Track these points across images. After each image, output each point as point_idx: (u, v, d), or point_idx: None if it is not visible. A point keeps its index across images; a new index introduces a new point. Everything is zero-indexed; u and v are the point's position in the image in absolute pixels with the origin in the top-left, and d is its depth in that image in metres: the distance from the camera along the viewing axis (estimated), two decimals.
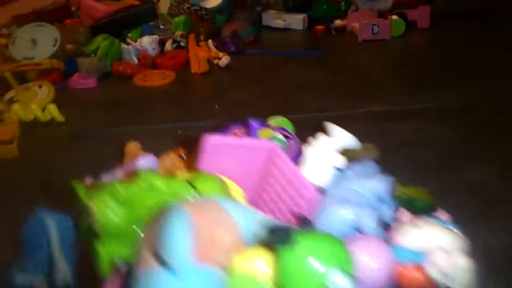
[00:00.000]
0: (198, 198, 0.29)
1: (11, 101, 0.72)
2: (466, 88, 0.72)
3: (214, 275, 0.26)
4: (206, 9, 1.13)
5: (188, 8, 1.13)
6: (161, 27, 1.04)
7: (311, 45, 1.04)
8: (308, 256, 0.27)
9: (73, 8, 1.17)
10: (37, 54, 0.86)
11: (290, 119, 0.52)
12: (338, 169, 0.42)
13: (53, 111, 0.69)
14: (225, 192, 0.33)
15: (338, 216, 0.37)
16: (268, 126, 0.47)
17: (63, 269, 0.33)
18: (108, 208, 0.28)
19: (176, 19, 1.09)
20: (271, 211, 0.37)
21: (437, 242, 0.35)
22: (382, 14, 1.10)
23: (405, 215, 0.40)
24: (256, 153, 0.37)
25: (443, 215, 0.40)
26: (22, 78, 0.82)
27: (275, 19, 1.19)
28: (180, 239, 0.24)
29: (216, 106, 0.68)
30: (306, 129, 0.50)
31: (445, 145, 0.58)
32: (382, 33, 1.04)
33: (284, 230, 0.28)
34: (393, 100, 0.71)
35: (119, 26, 0.97)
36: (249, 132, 0.44)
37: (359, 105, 0.70)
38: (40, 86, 0.76)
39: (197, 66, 0.89)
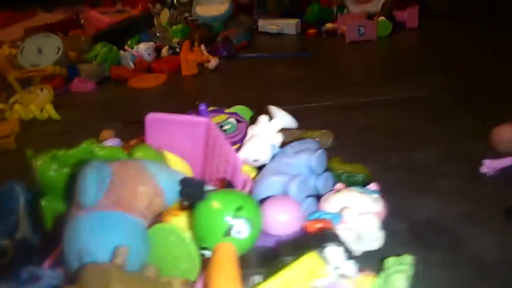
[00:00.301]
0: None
1: (15, 103, 0.80)
2: (435, 81, 0.75)
3: (132, 222, 0.31)
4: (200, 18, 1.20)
5: (185, 18, 1.21)
6: (158, 34, 1.11)
7: (301, 47, 1.08)
8: (217, 207, 0.32)
9: (82, 21, 1.26)
10: (42, 61, 0.94)
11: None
12: (279, 147, 0.47)
13: (50, 110, 0.76)
14: (160, 159, 0.38)
15: (269, 184, 0.42)
16: (223, 112, 0.52)
17: (26, 230, 0.38)
18: (49, 167, 0.34)
19: (174, 27, 1.16)
20: (211, 180, 0.42)
21: (353, 206, 0.39)
22: (372, 17, 1.14)
23: (338, 186, 0.44)
24: (194, 128, 0.42)
25: (374, 186, 0.44)
26: (29, 83, 0.90)
27: (269, 25, 1.24)
28: (92, 182, 0.29)
29: (197, 102, 0.73)
30: None
31: (400, 130, 0.61)
32: (369, 33, 1.07)
33: (198, 187, 0.33)
34: (363, 93, 0.75)
35: (118, 34, 1.05)
36: (199, 115, 0.49)
37: (330, 99, 0.74)
38: (41, 89, 0.84)
39: (188, 69, 0.96)
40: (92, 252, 0.28)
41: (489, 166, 0.45)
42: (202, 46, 1.04)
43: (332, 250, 0.30)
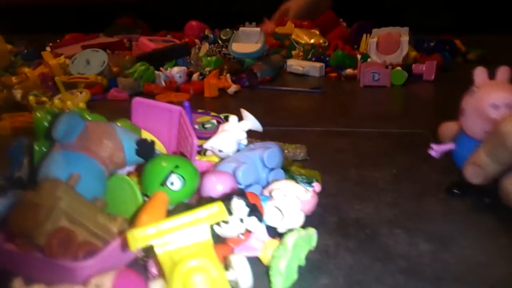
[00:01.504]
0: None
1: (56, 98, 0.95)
2: (425, 122, 0.81)
3: (93, 164, 0.40)
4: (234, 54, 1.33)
5: (219, 51, 1.36)
6: (192, 62, 1.25)
7: (316, 86, 1.17)
8: (159, 162, 0.41)
9: (127, 44, 1.45)
10: (88, 71, 1.10)
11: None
12: (244, 144, 0.55)
13: (82, 107, 0.89)
14: (135, 131, 0.47)
15: (222, 167, 0.49)
16: (209, 114, 0.61)
17: (24, 172, 0.48)
18: (44, 119, 0.44)
19: (209, 58, 1.30)
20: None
21: (284, 190, 0.45)
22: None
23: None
24: (170, 114, 0.51)
25: (315, 184, 0.50)
26: (74, 87, 1.05)
27: (296, 66, 1.35)
28: (65, 122, 0.38)
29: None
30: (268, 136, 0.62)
31: (370, 154, 0.67)
32: (383, 80, 1.14)
33: (150, 146, 0.42)
34: (353, 124, 0.81)
35: (157, 57, 1.20)
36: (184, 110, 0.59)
37: (323, 125, 0.82)
38: (80, 92, 0.98)
39: (209, 91, 1.07)
40: (54, 176, 0.37)
41: (435, 148, 0.50)
42: (228, 75, 1.16)
43: (236, 203, 0.37)
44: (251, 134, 0.60)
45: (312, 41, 1.47)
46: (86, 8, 2.32)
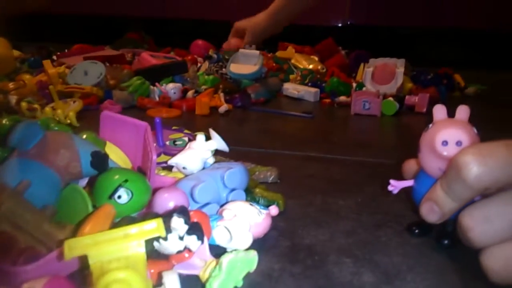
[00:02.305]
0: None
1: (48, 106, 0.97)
2: (402, 155, 0.81)
3: (47, 172, 0.42)
4: (232, 74, 1.36)
5: (217, 71, 1.38)
6: (188, 80, 1.27)
7: (308, 110, 1.18)
8: (109, 176, 0.42)
9: (131, 58, 1.49)
10: (85, 81, 1.13)
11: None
12: (210, 163, 0.57)
13: (72, 117, 0.92)
14: (98, 145, 0.49)
15: (181, 184, 0.50)
16: (182, 131, 0.63)
17: None
18: (4, 126, 0.46)
19: (206, 77, 1.33)
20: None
21: (236, 211, 0.46)
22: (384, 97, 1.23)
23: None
24: (136, 129, 0.52)
25: (272, 208, 0.51)
26: (70, 96, 1.08)
27: (292, 90, 1.37)
28: (22, 130, 0.40)
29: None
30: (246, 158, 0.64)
31: (340, 182, 0.68)
32: (373, 109, 1.15)
33: (104, 159, 0.43)
34: (332, 151, 0.82)
35: (154, 73, 1.23)
36: (155, 126, 0.60)
37: (302, 150, 0.82)
38: (74, 102, 1.01)
39: (200, 109, 1.09)
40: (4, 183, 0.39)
41: (394, 184, 0.50)
42: (222, 94, 1.18)
43: (175, 220, 0.38)
44: (225, 154, 0.62)
45: (310, 66, 1.49)
46: (98, 20, 2.39)
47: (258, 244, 0.46)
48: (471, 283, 0.42)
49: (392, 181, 0.51)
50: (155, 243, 0.38)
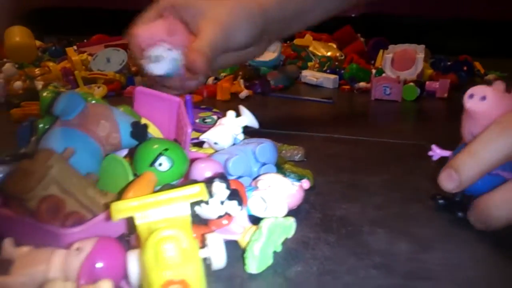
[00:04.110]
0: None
1: None
2: (427, 134, 0.81)
3: (89, 141, 0.43)
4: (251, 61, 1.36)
5: None
6: None
7: (327, 96, 1.18)
8: (150, 144, 0.43)
9: None
10: (107, 68, 1.15)
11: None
12: (240, 139, 0.57)
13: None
14: (135, 116, 0.50)
15: (214, 157, 0.51)
16: (211, 110, 0.64)
17: (30, 149, 0.51)
18: (48, 97, 0.47)
19: None
20: None
21: (270, 182, 0.47)
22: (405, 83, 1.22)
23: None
24: (170, 104, 0.53)
25: (304, 182, 0.52)
26: (93, 82, 1.10)
27: (310, 77, 1.37)
28: (65, 99, 0.41)
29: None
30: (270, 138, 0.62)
31: (366, 160, 0.68)
32: (394, 95, 1.15)
33: (144, 129, 0.44)
34: (355, 133, 0.82)
35: None
36: (186, 104, 0.61)
37: (324, 132, 0.83)
38: (98, 87, 1.02)
39: (221, 94, 1.10)
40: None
41: (435, 150, 0.50)
42: (241, 81, 1.19)
43: (217, 185, 0.39)
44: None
45: (328, 54, 1.49)
46: (113, 13, 2.41)
47: (291, 215, 0.47)
48: (504, 260, 0.43)
49: (434, 146, 0.51)
50: (196, 208, 0.39)
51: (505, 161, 0.41)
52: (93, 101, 0.49)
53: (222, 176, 0.39)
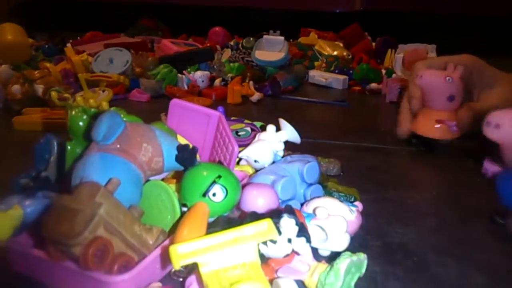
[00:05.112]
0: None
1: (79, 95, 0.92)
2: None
3: (131, 168, 0.38)
4: (257, 61, 1.31)
5: (242, 58, 1.33)
6: (215, 67, 1.22)
7: (340, 98, 1.14)
8: (201, 171, 0.38)
9: (149, 45, 1.44)
10: (111, 70, 1.08)
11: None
12: (280, 155, 0.53)
13: (105, 107, 0.87)
14: (172, 135, 0.45)
15: (260, 179, 0.46)
16: (243, 121, 0.59)
17: (51, 172, 0.45)
18: (79, 118, 0.41)
19: (231, 64, 1.28)
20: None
21: (328, 208, 0.42)
22: None
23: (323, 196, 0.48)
24: (208, 119, 0.48)
25: (358, 204, 0.47)
26: (96, 85, 1.03)
27: (319, 77, 1.32)
28: (106, 121, 0.36)
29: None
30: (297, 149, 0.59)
31: (404, 173, 0.64)
32: None
33: (192, 153, 0.39)
34: (382, 141, 0.78)
35: (181, 60, 1.18)
36: None
37: (348, 140, 0.79)
38: (103, 91, 0.96)
39: (232, 98, 1.05)
40: (91, 179, 0.35)
41: (488, 169, 0.48)
42: (251, 82, 1.14)
43: (286, 221, 0.34)
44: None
45: (335, 53, 1.45)
46: (107, 7, 2.32)
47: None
48: None
49: (486, 163, 0.48)
50: (261, 246, 0.35)
51: None
52: (124, 119, 0.43)
53: (290, 210, 0.35)
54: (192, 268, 0.35)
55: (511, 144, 0.43)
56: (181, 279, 0.36)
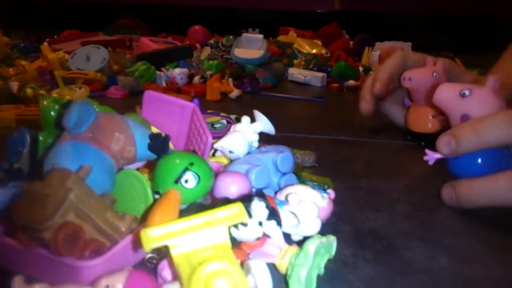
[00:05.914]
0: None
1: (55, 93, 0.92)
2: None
3: (103, 157, 0.38)
4: (236, 59, 1.31)
5: (222, 56, 1.34)
6: (194, 64, 1.23)
7: (318, 95, 1.16)
8: (173, 159, 0.38)
9: (128, 43, 1.43)
10: (88, 67, 1.07)
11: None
12: (255, 146, 0.53)
13: None
14: (146, 125, 0.45)
15: (234, 169, 0.47)
16: (219, 114, 0.59)
17: (23, 163, 0.45)
18: (50, 108, 0.41)
19: (211, 62, 1.29)
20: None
21: (299, 194, 0.43)
22: None
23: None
24: (182, 110, 0.49)
25: (330, 191, 0.49)
26: (72, 82, 1.02)
27: (298, 74, 1.34)
28: (77, 110, 0.36)
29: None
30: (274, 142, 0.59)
31: (379, 164, 0.66)
32: None
33: (164, 142, 0.39)
34: (357, 134, 0.80)
35: (159, 58, 1.18)
36: None
37: (325, 133, 0.80)
38: (80, 88, 0.95)
39: (211, 94, 1.05)
40: (63, 167, 0.35)
41: (430, 155, 0.50)
42: (230, 80, 1.14)
43: (256, 204, 0.35)
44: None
45: (314, 51, 1.47)
46: (85, 6, 2.29)
47: (320, 230, 0.44)
48: None
49: (427, 151, 0.51)
50: (233, 230, 0.35)
51: (498, 146, 0.45)
52: (97, 109, 0.43)
53: (261, 194, 0.35)
54: (165, 254, 0.36)
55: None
56: (153, 266, 0.36)
